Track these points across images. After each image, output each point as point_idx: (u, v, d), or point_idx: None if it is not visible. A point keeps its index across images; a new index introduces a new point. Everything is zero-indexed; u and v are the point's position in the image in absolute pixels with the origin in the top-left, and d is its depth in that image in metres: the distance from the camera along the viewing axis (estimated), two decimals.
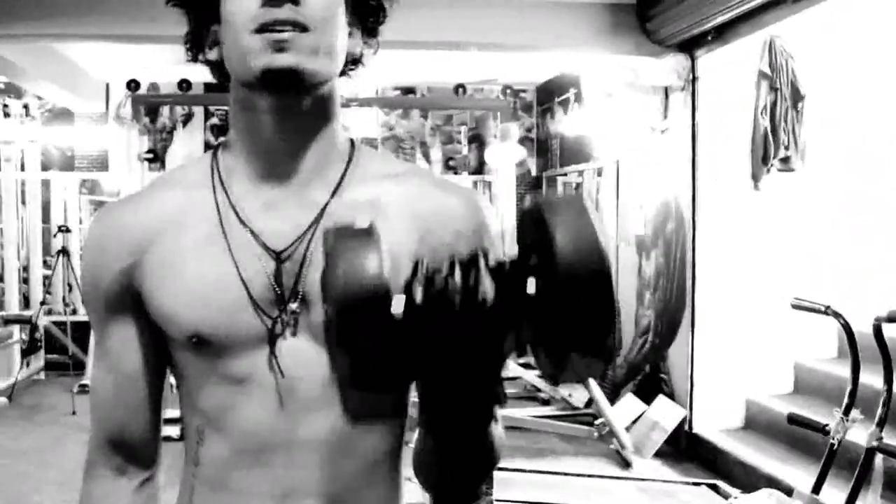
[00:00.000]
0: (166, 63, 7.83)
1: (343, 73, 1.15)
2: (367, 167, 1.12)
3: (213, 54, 1.11)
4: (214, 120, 9.18)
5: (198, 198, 1.09)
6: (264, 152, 1.07)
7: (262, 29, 0.98)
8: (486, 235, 1.12)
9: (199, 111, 8.97)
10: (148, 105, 8.08)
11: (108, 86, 8.12)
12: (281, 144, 1.07)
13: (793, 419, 3.21)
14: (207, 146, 9.23)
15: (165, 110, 8.81)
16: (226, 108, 9.01)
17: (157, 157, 8.20)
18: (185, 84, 7.76)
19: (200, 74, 8.17)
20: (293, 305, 1.05)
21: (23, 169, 8.04)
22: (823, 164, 5.69)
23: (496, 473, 4.21)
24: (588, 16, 6.05)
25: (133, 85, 7.68)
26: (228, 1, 1.02)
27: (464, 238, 1.09)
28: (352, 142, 1.15)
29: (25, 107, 7.51)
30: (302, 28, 0.99)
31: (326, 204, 1.07)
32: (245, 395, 1.06)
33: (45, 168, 8.40)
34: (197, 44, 1.12)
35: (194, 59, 1.13)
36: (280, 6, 0.98)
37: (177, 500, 1.15)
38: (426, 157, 9.29)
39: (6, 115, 7.40)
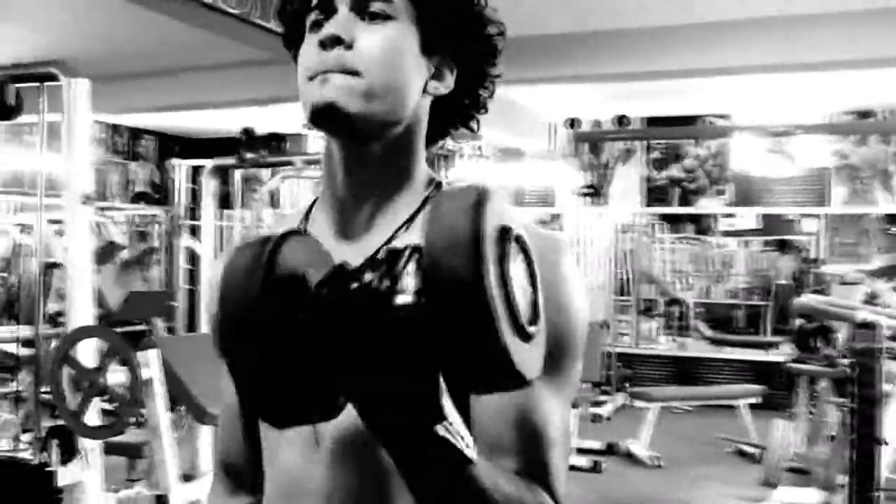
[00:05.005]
0: (605, 99, 8.05)
1: (461, 121, 1.13)
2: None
3: None
4: (656, 154, 9.17)
5: None
6: (338, 200, 1.09)
7: (316, 74, 1.00)
8: (554, 278, 0.99)
9: (640, 145, 9.03)
10: (589, 141, 8.34)
11: (552, 125, 8.54)
12: (350, 192, 1.07)
13: None
14: (648, 180, 9.24)
15: (606, 145, 9.01)
16: (667, 141, 9.03)
17: (597, 192, 8.43)
18: (622, 119, 7.90)
19: (640, 109, 8.37)
20: None
21: None
22: None
23: None
24: None
25: (573, 123, 8.00)
26: (300, 51, 1.06)
27: None
28: (437, 185, 1.11)
29: (479, 147, 8.24)
30: (352, 72, 0.99)
31: (376, 253, 1.02)
32: (286, 440, 1.09)
33: None
34: None
35: None
36: (329, 50, 0.99)
37: None
38: (886, 187, 8.30)
39: (460, 156, 8.17)
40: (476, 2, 1.07)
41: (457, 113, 1.12)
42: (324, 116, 0.99)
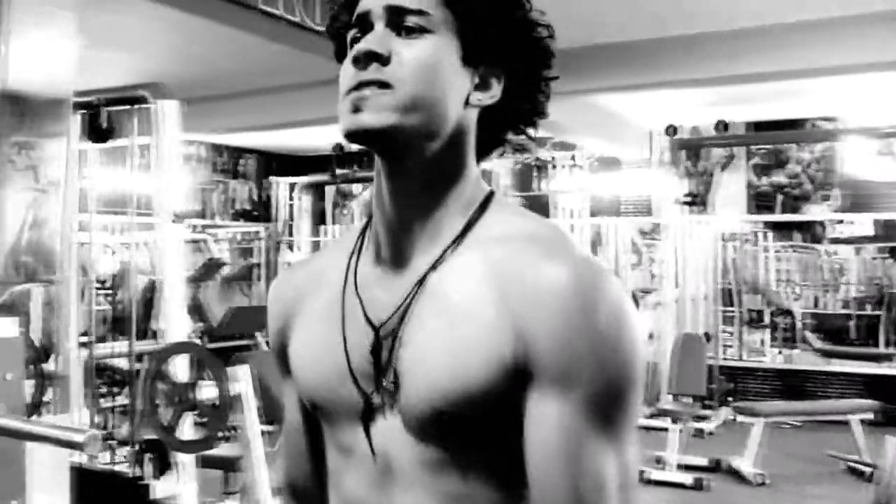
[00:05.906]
0: (704, 105, 7.85)
1: (516, 129, 1.09)
2: (486, 229, 1.03)
3: None
4: (757, 160, 8.87)
5: (339, 262, 1.11)
6: (385, 217, 1.05)
7: (349, 91, 0.98)
8: (590, 314, 0.93)
9: (741, 151, 8.76)
10: (688, 148, 8.13)
11: (650, 133, 8.36)
12: (396, 209, 1.04)
13: None
14: (751, 187, 8.95)
15: (707, 152, 8.78)
16: (768, 146, 8.71)
17: (697, 200, 8.20)
18: (722, 125, 7.67)
19: (741, 114, 8.11)
20: (385, 382, 1.02)
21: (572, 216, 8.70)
22: None
23: None
24: None
25: (671, 130, 7.82)
26: (341, 67, 1.03)
27: (555, 317, 0.93)
28: (487, 197, 1.06)
29: (573, 157, 8.14)
30: (384, 85, 0.97)
31: (424, 276, 1.01)
32: (348, 464, 1.07)
33: (594, 214, 8.95)
34: None
35: None
36: (365, 68, 0.98)
37: None
38: None
39: (553, 166, 8.10)
40: (520, 7, 1.03)
41: (511, 121, 1.08)
42: (356, 138, 0.98)
